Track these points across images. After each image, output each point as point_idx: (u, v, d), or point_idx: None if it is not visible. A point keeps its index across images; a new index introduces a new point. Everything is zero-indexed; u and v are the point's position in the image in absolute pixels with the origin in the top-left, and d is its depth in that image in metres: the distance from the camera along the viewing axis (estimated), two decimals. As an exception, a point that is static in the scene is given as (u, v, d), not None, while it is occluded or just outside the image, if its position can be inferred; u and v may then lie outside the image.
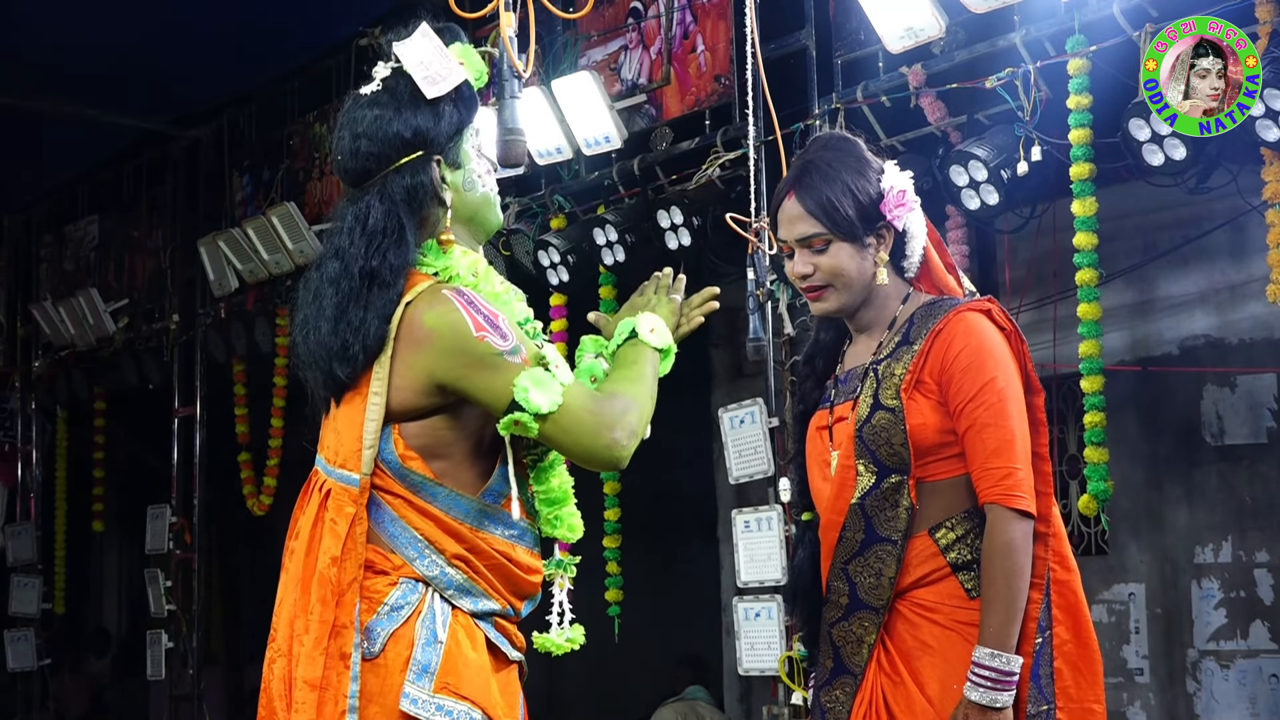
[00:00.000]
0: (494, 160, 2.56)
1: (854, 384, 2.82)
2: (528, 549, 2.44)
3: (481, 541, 2.38)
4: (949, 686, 2.65)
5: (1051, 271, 5.46)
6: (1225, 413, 6.11)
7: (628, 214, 5.84)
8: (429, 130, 2.42)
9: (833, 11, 5.30)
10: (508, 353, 2.31)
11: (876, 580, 2.71)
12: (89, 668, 10.93)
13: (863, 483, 2.74)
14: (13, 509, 9.65)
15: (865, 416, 2.75)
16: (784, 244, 2.82)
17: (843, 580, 2.75)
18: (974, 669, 2.61)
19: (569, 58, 6.11)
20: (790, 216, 2.80)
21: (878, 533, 2.72)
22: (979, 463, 2.67)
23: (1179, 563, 6.21)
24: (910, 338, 2.78)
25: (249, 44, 7.01)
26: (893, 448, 2.72)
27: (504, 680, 2.42)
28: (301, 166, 7.67)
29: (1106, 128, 4.57)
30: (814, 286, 2.80)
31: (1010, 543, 2.62)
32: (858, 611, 2.73)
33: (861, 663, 2.73)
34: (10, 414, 9.71)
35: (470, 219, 2.48)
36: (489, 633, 2.40)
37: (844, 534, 2.75)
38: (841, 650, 2.75)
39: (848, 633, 2.75)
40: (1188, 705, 6.12)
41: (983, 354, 2.68)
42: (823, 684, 2.78)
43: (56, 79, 7.35)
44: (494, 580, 2.39)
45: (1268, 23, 4.19)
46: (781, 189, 2.84)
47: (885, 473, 2.72)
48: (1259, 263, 5.22)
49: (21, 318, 9.69)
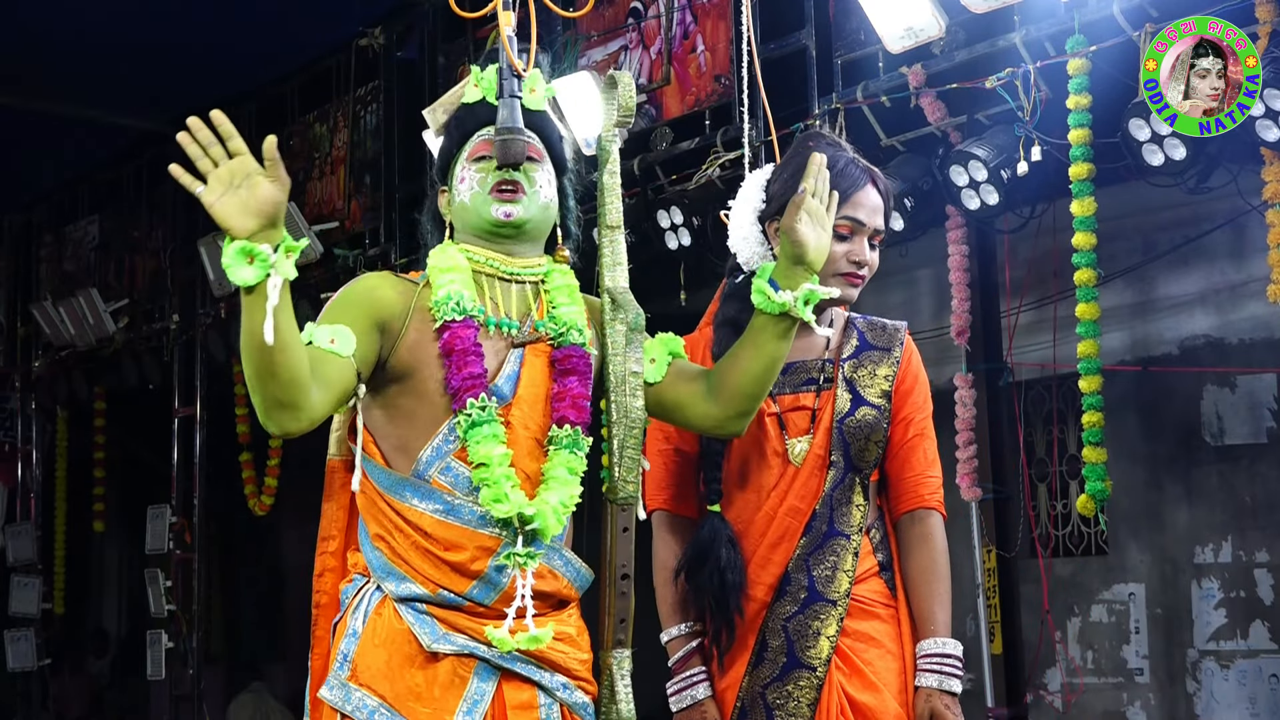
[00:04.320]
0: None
1: (805, 376, 2.82)
2: (459, 524, 2.39)
3: (399, 515, 2.41)
4: (903, 680, 2.75)
5: (1051, 271, 5.47)
6: (1225, 413, 6.12)
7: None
8: (437, 165, 2.67)
9: (832, 11, 5.31)
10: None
11: (833, 574, 2.75)
12: (89, 668, 10.94)
13: (833, 475, 2.77)
14: (13, 509, 9.66)
15: (847, 410, 2.78)
16: (848, 223, 2.76)
17: (803, 572, 2.75)
18: (946, 661, 2.74)
19: (569, 58, 6.11)
20: (873, 206, 2.80)
21: (836, 526, 2.76)
22: (919, 470, 2.83)
23: (1179, 563, 6.21)
24: (872, 343, 2.87)
25: (249, 44, 7.01)
26: (868, 445, 2.79)
27: (427, 673, 2.38)
28: (301, 166, 7.67)
29: (1106, 128, 4.58)
30: (861, 276, 2.81)
31: (945, 545, 2.83)
32: (814, 604, 2.74)
33: (820, 656, 2.72)
34: (10, 414, 9.71)
35: (463, 228, 2.59)
36: (410, 621, 2.39)
37: (812, 524, 2.75)
38: (796, 644, 2.73)
39: (804, 626, 2.73)
40: (1188, 705, 6.13)
41: (924, 373, 2.93)
42: (770, 680, 2.73)
43: (57, 79, 7.35)
44: (417, 561, 2.40)
45: (1268, 23, 4.20)
46: (855, 171, 2.79)
47: (848, 468, 2.78)
48: (1259, 263, 5.23)
49: (21, 318, 9.69)
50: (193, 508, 8.25)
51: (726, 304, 2.88)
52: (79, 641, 10.95)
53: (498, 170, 2.53)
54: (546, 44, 2.66)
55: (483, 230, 2.54)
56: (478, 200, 2.53)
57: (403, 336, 2.44)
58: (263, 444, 8.15)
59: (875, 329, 2.91)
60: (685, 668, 2.80)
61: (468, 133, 2.59)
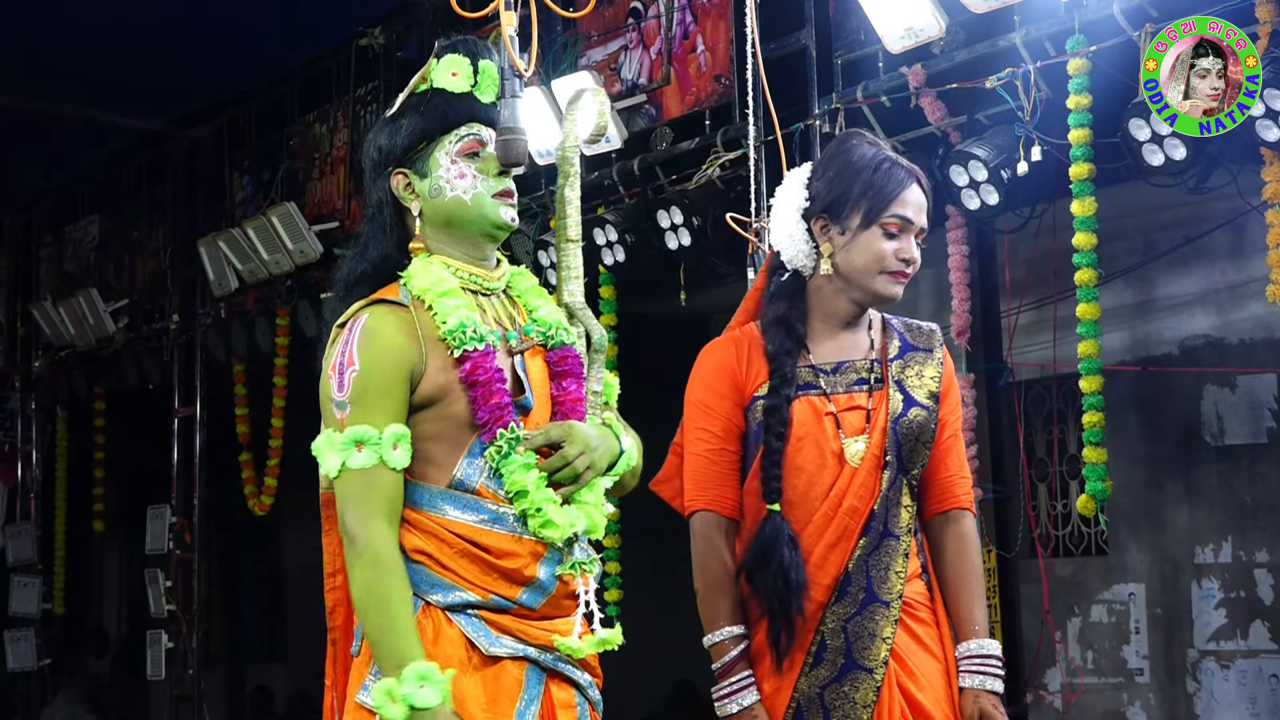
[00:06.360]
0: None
1: (855, 376, 2.83)
2: (506, 533, 2.42)
3: (441, 527, 2.41)
4: (945, 681, 2.78)
5: (1051, 271, 5.46)
6: (1225, 413, 6.12)
7: (628, 214, 5.84)
8: (386, 145, 2.56)
9: (833, 11, 5.30)
10: (335, 403, 2.43)
11: (887, 575, 2.75)
12: (89, 668, 10.93)
13: (887, 475, 2.77)
14: (13, 509, 9.64)
15: (900, 411, 2.79)
16: (896, 221, 2.79)
17: (862, 573, 2.75)
18: (988, 662, 2.78)
19: (569, 58, 6.11)
20: (918, 204, 2.83)
21: (890, 528, 2.77)
22: (954, 470, 2.87)
23: (1179, 563, 6.21)
24: (913, 344, 2.88)
25: (249, 44, 7.01)
26: (917, 446, 2.80)
27: (484, 676, 2.40)
28: (301, 166, 7.67)
29: (1106, 128, 4.58)
30: (907, 274, 2.83)
31: (979, 545, 2.89)
32: (870, 605, 2.74)
33: (877, 658, 2.73)
34: (10, 414, 9.70)
35: (447, 223, 2.54)
36: (464, 626, 2.40)
37: (870, 525, 2.75)
38: (854, 645, 2.74)
39: (861, 627, 2.74)
40: (1188, 705, 6.13)
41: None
42: (828, 681, 2.73)
43: (57, 79, 7.35)
44: (463, 569, 2.40)
45: (1268, 23, 4.20)
46: (900, 170, 2.81)
47: (900, 469, 2.79)
48: (1259, 263, 5.22)
49: (21, 318, 9.68)
50: (193, 508, 8.24)
51: (773, 304, 2.89)
52: (79, 641, 10.95)
53: (502, 174, 2.54)
54: (546, 44, 2.67)
55: (482, 231, 2.54)
56: (480, 200, 2.52)
57: (425, 375, 2.44)
58: (262, 444, 8.15)
59: (912, 330, 2.93)
60: (732, 672, 2.76)
61: (449, 124, 2.55)
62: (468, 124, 2.55)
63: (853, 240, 2.80)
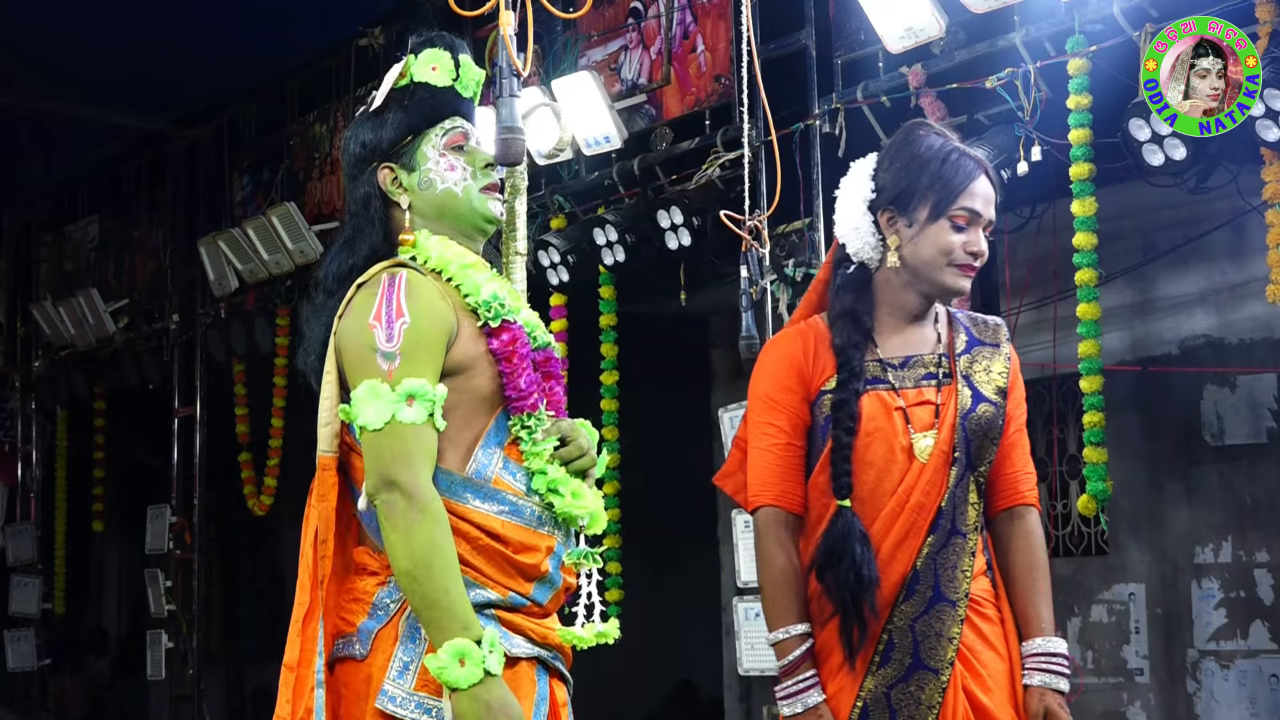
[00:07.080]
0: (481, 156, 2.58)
1: (923, 370, 2.79)
2: (524, 525, 2.40)
3: (461, 519, 2.35)
4: (1010, 680, 2.74)
5: (1051, 271, 5.46)
6: (1225, 413, 6.12)
7: (628, 214, 5.84)
8: (371, 140, 2.53)
9: (833, 11, 5.30)
10: (381, 354, 2.33)
11: (954, 573, 2.72)
12: (89, 668, 10.94)
13: (955, 472, 2.73)
14: (13, 509, 9.64)
15: (969, 407, 2.76)
16: (965, 213, 2.76)
17: (930, 571, 2.71)
18: (1055, 660, 2.73)
19: (569, 58, 6.11)
20: (987, 196, 2.79)
21: (957, 525, 2.73)
22: (1019, 466, 2.83)
23: (1179, 563, 6.21)
24: (980, 338, 2.85)
25: (249, 44, 7.01)
26: (985, 442, 2.76)
27: (510, 675, 2.34)
28: (301, 166, 7.67)
29: (1106, 128, 4.57)
30: (975, 267, 2.80)
31: (1044, 541, 2.83)
32: (937, 604, 2.70)
33: (944, 658, 2.69)
34: (10, 414, 9.70)
35: (438, 216, 2.52)
36: (484, 627, 2.34)
37: (938, 522, 2.71)
38: (921, 645, 2.70)
39: (928, 627, 2.70)
40: (1188, 705, 6.13)
41: None
42: (895, 680, 2.70)
43: (57, 79, 7.35)
44: (483, 565, 2.36)
45: (1268, 23, 4.20)
46: (969, 162, 2.77)
47: (968, 465, 2.75)
48: (1259, 263, 5.22)
49: (21, 318, 9.68)
50: (193, 508, 8.24)
51: (840, 296, 2.84)
52: (79, 641, 10.95)
53: (488, 168, 2.53)
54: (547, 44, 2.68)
55: (472, 224, 2.54)
56: (471, 193, 2.52)
57: (457, 342, 2.40)
58: (262, 444, 8.15)
59: (978, 324, 2.89)
60: (797, 671, 2.72)
61: (434, 117, 2.54)
62: (451, 118, 2.55)
63: (920, 233, 2.75)
